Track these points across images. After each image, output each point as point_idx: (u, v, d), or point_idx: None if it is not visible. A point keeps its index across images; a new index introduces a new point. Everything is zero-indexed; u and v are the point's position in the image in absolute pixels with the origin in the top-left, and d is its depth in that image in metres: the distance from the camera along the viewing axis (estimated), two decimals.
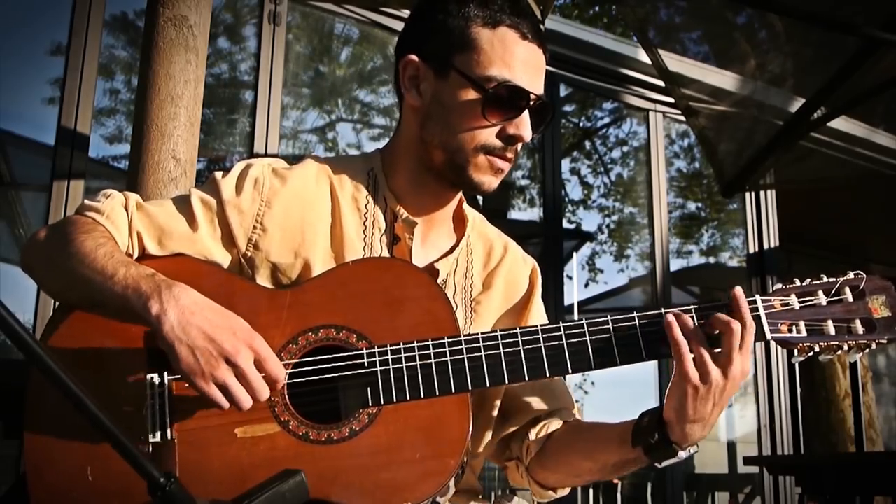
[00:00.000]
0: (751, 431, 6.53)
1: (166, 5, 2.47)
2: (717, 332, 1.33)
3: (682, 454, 1.38)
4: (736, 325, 1.31)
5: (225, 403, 1.24)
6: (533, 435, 1.57)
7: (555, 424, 1.58)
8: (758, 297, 1.39)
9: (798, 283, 1.43)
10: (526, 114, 1.45)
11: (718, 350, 1.33)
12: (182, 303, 1.26)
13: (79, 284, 1.34)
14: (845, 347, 1.40)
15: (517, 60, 1.44)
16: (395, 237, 1.53)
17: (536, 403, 1.59)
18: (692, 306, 1.37)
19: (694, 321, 1.35)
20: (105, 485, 1.27)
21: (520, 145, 1.48)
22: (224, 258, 1.46)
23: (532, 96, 1.45)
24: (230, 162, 4.93)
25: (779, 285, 1.44)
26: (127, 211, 1.44)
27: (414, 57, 1.51)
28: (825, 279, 1.43)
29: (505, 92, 1.43)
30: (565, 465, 1.55)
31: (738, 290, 1.35)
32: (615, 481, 6.38)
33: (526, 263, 1.69)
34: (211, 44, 3.57)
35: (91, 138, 4.14)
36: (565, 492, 1.62)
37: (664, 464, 1.39)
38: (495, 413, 1.59)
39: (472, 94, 1.44)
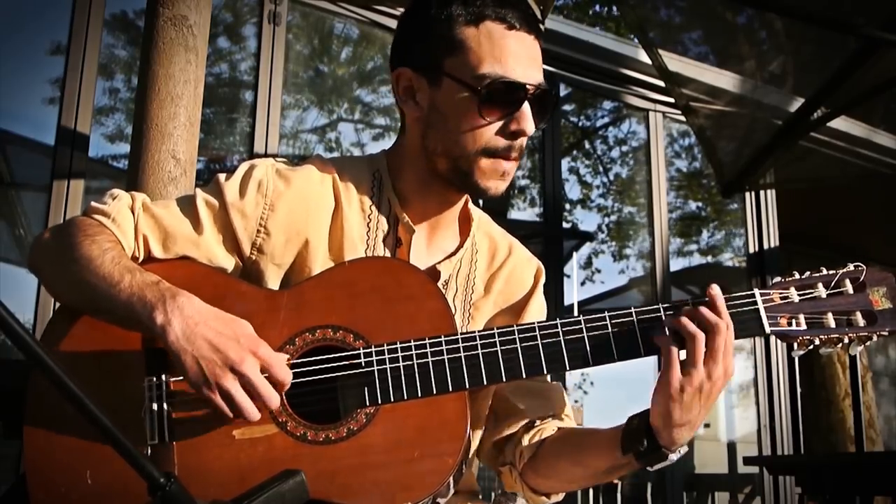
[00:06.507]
0: (751, 431, 6.53)
1: (166, 5, 2.47)
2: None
3: (673, 457, 1.37)
4: (722, 325, 1.30)
5: (229, 413, 1.25)
6: (526, 440, 1.55)
7: (549, 430, 1.56)
8: (756, 291, 1.37)
9: (797, 275, 1.40)
10: (526, 106, 1.41)
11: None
12: (186, 312, 1.26)
13: (84, 289, 1.33)
14: (846, 340, 1.37)
15: (507, 53, 1.40)
16: (397, 240, 1.52)
17: (531, 408, 1.57)
18: (661, 305, 1.36)
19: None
20: (105, 485, 1.27)
21: (524, 142, 1.45)
22: (228, 261, 1.46)
23: (529, 87, 1.41)
24: (230, 162, 4.93)
25: (778, 279, 1.42)
26: (133, 213, 1.43)
27: (405, 68, 1.49)
28: (825, 271, 1.40)
29: (500, 87, 1.39)
30: (557, 472, 1.53)
31: (715, 289, 1.33)
32: (615, 481, 6.38)
33: (531, 264, 1.68)
34: (211, 44, 3.57)
35: (91, 138, 4.14)
36: (559, 498, 1.60)
37: (655, 467, 1.39)
38: (486, 412, 1.57)
39: (467, 97, 1.40)
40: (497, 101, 1.40)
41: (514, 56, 1.41)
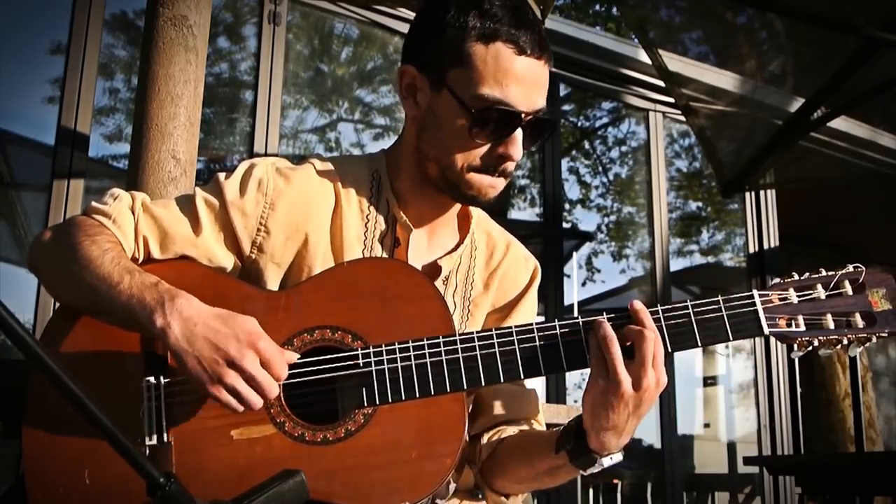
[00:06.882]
0: (751, 431, 6.53)
1: (166, 5, 2.48)
2: (629, 342, 1.31)
3: (605, 461, 1.36)
4: (647, 333, 1.29)
5: (238, 407, 1.25)
6: (485, 439, 1.56)
7: (509, 431, 1.57)
8: (755, 292, 1.37)
9: (796, 276, 1.39)
10: (518, 133, 1.41)
11: (631, 360, 1.29)
12: (185, 314, 1.26)
13: (84, 290, 1.34)
14: (845, 341, 1.36)
15: (511, 78, 1.38)
16: (395, 240, 1.52)
17: (499, 411, 1.58)
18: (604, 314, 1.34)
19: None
20: (103, 485, 1.27)
21: (512, 164, 1.44)
22: (228, 260, 1.46)
23: (525, 115, 1.40)
24: (230, 162, 4.93)
25: (777, 280, 1.41)
26: (133, 214, 1.43)
27: (411, 67, 1.48)
28: (824, 273, 1.39)
29: (493, 115, 1.38)
30: (507, 470, 1.53)
31: (637, 304, 1.33)
32: (615, 481, 6.38)
33: (527, 264, 1.68)
34: (211, 44, 3.57)
35: (91, 138, 4.14)
36: (518, 500, 1.59)
37: (588, 471, 1.38)
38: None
39: (461, 113, 1.40)
40: (488, 126, 1.40)
41: (518, 81, 1.39)
